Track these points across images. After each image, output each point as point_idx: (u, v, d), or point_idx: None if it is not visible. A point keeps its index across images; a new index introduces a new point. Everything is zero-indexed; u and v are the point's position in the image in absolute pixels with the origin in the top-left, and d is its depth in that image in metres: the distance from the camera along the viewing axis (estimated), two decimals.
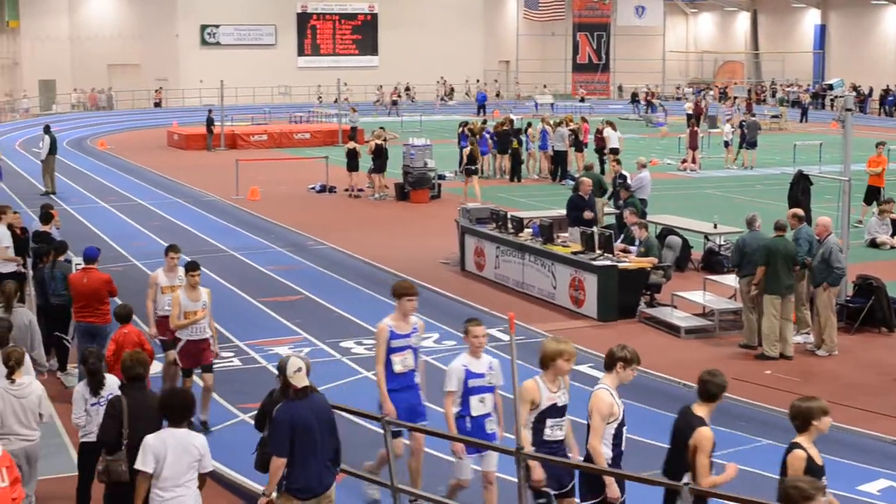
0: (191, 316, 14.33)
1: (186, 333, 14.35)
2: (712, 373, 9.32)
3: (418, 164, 34.68)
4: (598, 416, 9.26)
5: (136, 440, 9.46)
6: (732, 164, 44.16)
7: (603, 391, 9.40)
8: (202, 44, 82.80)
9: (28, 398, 10.79)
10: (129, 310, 13.97)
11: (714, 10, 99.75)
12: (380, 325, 11.55)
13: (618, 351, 9.57)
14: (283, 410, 9.49)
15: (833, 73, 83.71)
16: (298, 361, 9.55)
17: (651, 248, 20.25)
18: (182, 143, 54.21)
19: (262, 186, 36.00)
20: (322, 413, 9.58)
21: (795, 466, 8.28)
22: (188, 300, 14.35)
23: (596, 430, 9.25)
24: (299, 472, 9.51)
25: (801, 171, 26.92)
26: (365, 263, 25.08)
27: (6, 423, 10.63)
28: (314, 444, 9.48)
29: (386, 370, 11.39)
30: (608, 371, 9.57)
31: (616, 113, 65.72)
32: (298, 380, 9.45)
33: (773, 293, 17.38)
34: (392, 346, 11.40)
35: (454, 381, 10.51)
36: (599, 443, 9.26)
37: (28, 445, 10.85)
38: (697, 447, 8.75)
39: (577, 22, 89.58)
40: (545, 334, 18.64)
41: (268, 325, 19.73)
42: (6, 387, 10.74)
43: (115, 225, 31.07)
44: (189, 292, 14.39)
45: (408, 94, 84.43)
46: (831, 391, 15.08)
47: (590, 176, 26.30)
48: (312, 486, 9.57)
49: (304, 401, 9.46)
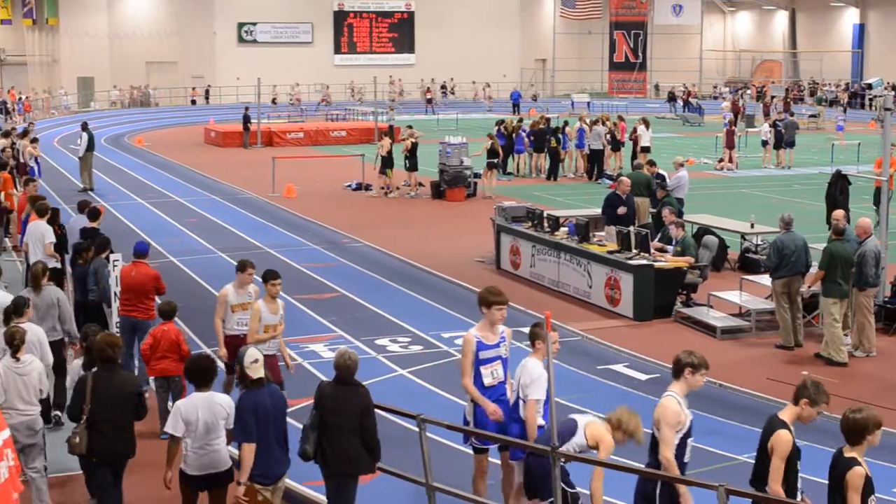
0: (270, 330, 13.53)
1: (262, 349, 12.69)
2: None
3: (454, 163, 34.66)
4: (666, 427, 9.03)
5: (97, 417, 10.38)
6: (769, 164, 43.95)
7: (670, 399, 9.15)
8: (239, 41, 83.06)
9: (30, 375, 11.41)
10: (174, 307, 14.06)
11: (752, 8, 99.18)
12: (466, 336, 10.93)
13: (685, 357, 9.26)
14: (246, 398, 10.07)
15: (872, 73, 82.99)
16: (256, 353, 10.20)
17: (688, 247, 20.15)
18: (219, 140, 54.43)
19: (297, 184, 36.08)
20: (278, 402, 10.20)
21: (857, 485, 8.14)
22: (269, 313, 13.51)
23: (667, 440, 9.01)
24: (262, 458, 9.96)
25: (839, 171, 26.75)
26: (400, 261, 25.10)
27: (9, 398, 11.23)
28: (273, 432, 10.04)
29: (475, 383, 10.79)
30: (676, 378, 9.29)
31: (653, 112, 65.44)
32: (254, 371, 10.04)
33: (834, 297, 17.18)
34: (481, 357, 10.76)
35: (541, 385, 10.20)
36: (672, 453, 9.01)
37: (28, 419, 11.40)
38: (774, 449, 8.61)
39: (614, 20, 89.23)
40: (581, 333, 18.69)
41: (303, 322, 19.76)
42: (11, 365, 11.38)
43: (152, 221, 31.23)
44: (269, 304, 13.56)
45: (443, 91, 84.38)
46: (869, 393, 15.00)
47: (636, 175, 26.21)
48: (273, 472, 10.09)
49: (260, 391, 10.06)
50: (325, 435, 10.37)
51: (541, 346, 10.31)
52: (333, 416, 10.34)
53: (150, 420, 14.38)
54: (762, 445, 8.78)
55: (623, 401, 15.40)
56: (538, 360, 10.31)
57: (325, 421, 10.38)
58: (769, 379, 16.05)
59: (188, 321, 18.11)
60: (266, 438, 9.99)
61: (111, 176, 41.81)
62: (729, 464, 12.24)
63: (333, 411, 10.35)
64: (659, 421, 9.07)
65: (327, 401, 10.41)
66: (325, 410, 10.40)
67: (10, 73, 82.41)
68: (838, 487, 8.24)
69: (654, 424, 9.16)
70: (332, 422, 10.34)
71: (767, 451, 8.68)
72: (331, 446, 10.33)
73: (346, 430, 10.32)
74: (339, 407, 10.35)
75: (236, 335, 13.78)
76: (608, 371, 16.91)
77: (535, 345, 10.42)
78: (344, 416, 10.33)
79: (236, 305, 14.04)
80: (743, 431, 13.48)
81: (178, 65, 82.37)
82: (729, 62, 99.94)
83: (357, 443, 10.38)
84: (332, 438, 10.34)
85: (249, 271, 14.26)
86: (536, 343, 10.41)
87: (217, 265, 24.91)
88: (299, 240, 28.06)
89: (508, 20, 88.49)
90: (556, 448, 9.26)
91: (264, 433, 10.00)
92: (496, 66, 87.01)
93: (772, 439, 8.65)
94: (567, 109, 69.12)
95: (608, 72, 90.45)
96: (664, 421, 9.03)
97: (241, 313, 13.89)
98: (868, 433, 8.26)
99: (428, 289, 22.22)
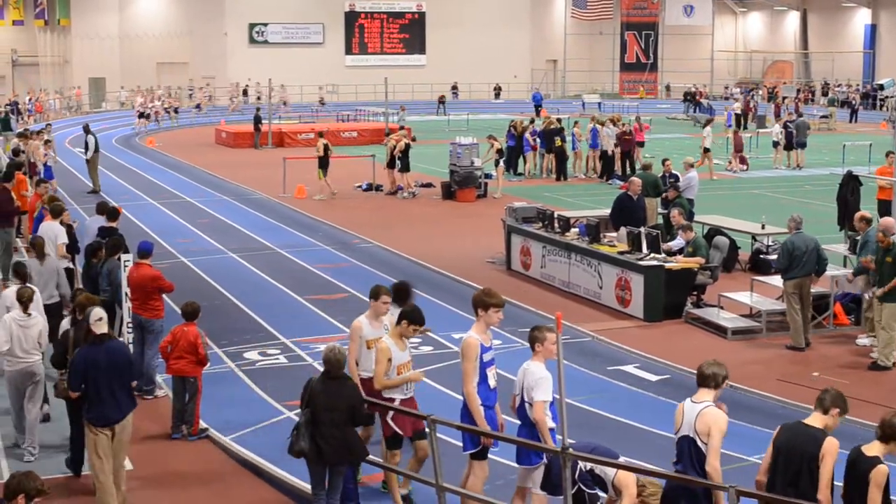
0: (403, 369, 11.39)
1: (399, 392, 11.43)
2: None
3: (465, 163, 34.64)
4: (718, 435, 8.96)
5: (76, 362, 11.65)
6: (780, 165, 43.89)
7: (714, 408, 9.10)
8: (250, 42, 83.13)
9: (31, 329, 13.26)
10: (195, 308, 14.17)
11: (763, 9, 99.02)
12: (469, 340, 10.59)
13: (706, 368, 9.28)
14: (80, 354, 11.50)
15: (883, 74, 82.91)
16: (100, 312, 11.51)
17: (699, 248, 20.12)
18: (230, 141, 54.50)
19: (308, 184, 36.10)
20: (115, 357, 11.42)
21: (881, 482, 8.16)
22: (398, 350, 11.36)
23: (715, 449, 8.94)
24: (93, 406, 11.33)
25: (850, 172, 26.67)
26: (411, 262, 25.10)
27: (12, 348, 13.13)
28: (107, 384, 11.26)
29: (480, 387, 10.59)
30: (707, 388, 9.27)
31: (664, 113, 65.41)
32: (98, 327, 11.37)
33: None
34: (484, 360, 10.60)
35: (547, 387, 10.13)
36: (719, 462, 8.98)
37: (26, 366, 13.25)
38: (825, 456, 8.55)
39: (625, 21, 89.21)
40: (591, 334, 18.69)
41: (314, 322, 19.79)
42: (18, 318, 13.25)
43: (163, 222, 31.29)
44: (397, 339, 11.41)
45: (454, 91, 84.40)
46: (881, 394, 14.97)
47: (645, 176, 26.20)
48: (106, 417, 11.31)
49: (100, 346, 11.33)
50: (319, 430, 10.64)
51: (541, 349, 10.29)
52: (327, 412, 10.65)
53: (161, 419, 14.46)
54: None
55: (633, 402, 15.44)
56: (540, 363, 10.29)
57: (318, 417, 10.66)
58: (780, 380, 16.02)
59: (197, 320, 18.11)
60: (97, 389, 11.27)
61: (122, 177, 41.90)
62: (740, 465, 12.22)
63: (326, 406, 10.67)
64: (710, 430, 8.96)
65: (319, 397, 10.73)
66: (317, 406, 10.70)
67: (21, 74, 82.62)
68: (858, 485, 8.21)
69: (699, 432, 9.03)
70: (326, 417, 10.64)
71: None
72: (325, 440, 10.65)
73: (339, 423, 10.65)
74: (331, 401, 10.67)
75: (372, 378, 11.50)
76: (618, 372, 16.89)
77: (535, 348, 10.36)
78: (336, 410, 10.64)
79: (371, 341, 11.84)
80: (753, 432, 13.46)
81: (189, 65, 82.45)
82: (740, 63, 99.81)
83: (350, 433, 10.79)
84: (326, 433, 10.65)
85: (384, 299, 12.14)
86: (536, 346, 10.35)
87: (228, 266, 24.96)
88: (310, 240, 28.08)
89: (519, 21, 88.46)
90: (567, 449, 9.27)
91: (95, 385, 11.27)
92: (507, 67, 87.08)
93: (823, 448, 8.54)
94: (578, 110, 69.09)
95: (619, 72, 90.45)
96: (717, 429, 8.96)
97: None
98: None
99: (438, 289, 22.21)
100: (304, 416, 10.76)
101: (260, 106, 54.96)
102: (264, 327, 19.36)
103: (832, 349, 17.89)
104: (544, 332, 10.31)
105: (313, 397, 10.78)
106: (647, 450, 12.80)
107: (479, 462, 10.70)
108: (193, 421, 13.98)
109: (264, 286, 22.88)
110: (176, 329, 14.08)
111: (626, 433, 13.97)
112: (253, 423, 14.31)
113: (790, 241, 18.04)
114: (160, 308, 15.58)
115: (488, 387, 10.67)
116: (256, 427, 14.19)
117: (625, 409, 15.01)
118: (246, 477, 12.78)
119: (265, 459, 12.81)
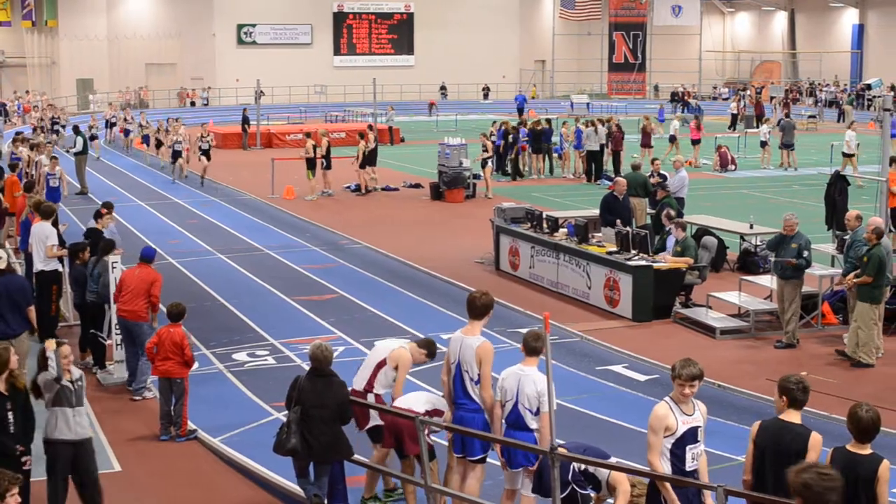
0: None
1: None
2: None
3: (453, 164, 34.64)
4: (650, 432, 9.00)
5: None
6: (769, 165, 43.98)
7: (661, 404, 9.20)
8: (239, 43, 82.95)
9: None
10: (181, 309, 14.15)
11: (751, 9, 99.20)
12: (488, 346, 10.68)
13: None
14: None
15: (871, 73, 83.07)
16: (2, 252, 14.29)
17: (688, 248, 20.14)
18: (218, 142, 54.31)
19: (297, 185, 36.07)
20: (10, 287, 14.34)
21: (888, 477, 8.13)
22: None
23: (652, 446, 8.97)
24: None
25: (838, 172, 26.71)
26: (399, 262, 25.08)
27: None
28: (7, 306, 14.16)
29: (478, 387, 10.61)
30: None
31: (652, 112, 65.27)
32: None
33: (876, 301, 16.97)
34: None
35: (552, 397, 9.91)
36: (657, 458, 8.93)
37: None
38: (811, 451, 8.52)
39: (613, 21, 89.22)
40: (580, 334, 18.69)
41: (302, 323, 19.77)
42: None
43: (151, 223, 31.24)
44: (417, 354, 12.21)
45: (442, 92, 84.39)
46: (869, 393, 14.99)
47: (633, 176, 26.21)
48: (2, 333, 13.80)
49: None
50: (308, 427, 10.77)
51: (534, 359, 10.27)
52: (316, 408, 10.80)
53: (150, 421, 14.43)
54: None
55: (621, 401, 15.43)
56: (536, 369, 10.22)
57: (307, 413, 10.78)
58: (768, 379, 16.01)
59: (185, 321, 18.06)
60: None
61: (111, 178, 41.80)
62: (728, 465, 12.22)
63: (315, 403, 10.81)
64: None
65: (307, 394, 10.86)
66: (306, 404, 10.82)
67: (9, 76, 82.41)
68: (866, 486, 8.13)
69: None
70: (315, 413, 10.78)
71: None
72: (314, 437, 10.81)
73: (327, 420, 10.80)
74: (319, 398, 10.81)
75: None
76: (607, 372, 16.90)
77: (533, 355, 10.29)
78: (324, 406, 10.79)
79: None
80: (742, 432, 13.41)
81: (178, 66, 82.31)
82: (728, 63, 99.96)
83: (337, 429, 10.92)
84: (314, 429, 10.80)
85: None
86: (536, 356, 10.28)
87: (216, 267, 24.93)
88: (298, 241, 28.06)
89: (508, 21, 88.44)
90: (555, 449, 9.26)
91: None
92: (495, 68, 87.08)
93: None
94: (566, 110, 69.11)
95: (607, 73, 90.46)
96: (648, 425, 9.02)
97: None
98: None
99: (427, 290, 22.21)
100: (294, 413, 10.83)
101: (247, 106, 54.82)
102: (253, 328, 19.33)
103: (820, 348, 17.90)
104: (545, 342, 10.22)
105: (302, 395, 10.89)
106: (635, 449, 12.77)
107: (480, 465, 10.79)
108: (181, 422, 13.95)
109: (253, 287, 22.85)
110: (162, 330, 14.08)
111: (615, 433, 13.97)
112: (241, 425, 14.29)
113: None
114: (145, 311, 15.57)
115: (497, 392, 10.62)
116: (245, 428, 14.16)
117: (613, 408, 15.01)
118: (234, 478, 12.75)
119: (254, 461, 12.78)
